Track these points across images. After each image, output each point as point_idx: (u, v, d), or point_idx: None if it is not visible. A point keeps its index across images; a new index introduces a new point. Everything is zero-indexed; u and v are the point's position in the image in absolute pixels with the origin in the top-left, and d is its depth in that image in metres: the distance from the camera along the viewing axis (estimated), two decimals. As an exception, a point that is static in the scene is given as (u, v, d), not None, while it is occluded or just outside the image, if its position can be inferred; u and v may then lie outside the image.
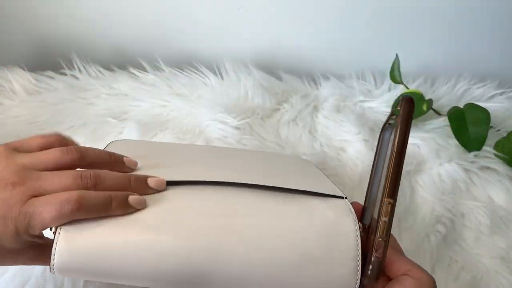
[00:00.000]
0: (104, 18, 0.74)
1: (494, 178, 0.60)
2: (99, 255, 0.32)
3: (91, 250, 0.32)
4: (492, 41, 0.75)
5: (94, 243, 0.32)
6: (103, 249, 0.32)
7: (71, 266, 0.32)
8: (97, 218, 0.33)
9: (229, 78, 0.72)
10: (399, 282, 0.33)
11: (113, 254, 0.32)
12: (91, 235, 0.32)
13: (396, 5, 0.70)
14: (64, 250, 0.32)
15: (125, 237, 0.33)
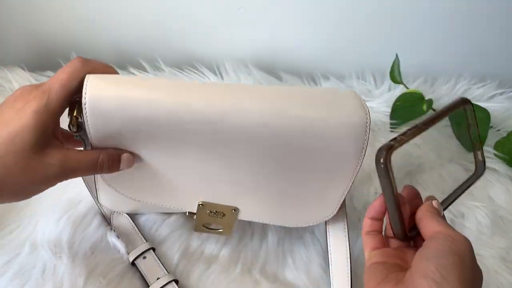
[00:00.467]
0: (104, 18, 0.74)
1: (494, 178, 0.60)
2: (129, 95, 0.35)
3: (121, 88, 0.35)
4: (492, 41, 0.75)
5: (123, 87, 0.35)
6: (133, 93, 0.35)
7: (103, 106, 0.34)
8: (123, 78, 0.36)
9: (229, 78, 0.72)
10: (433, 239, 0.33)
11: (143, 96, 0.35)
12: (119, 82, 0.36)
13: (396, 6, 0.70)
14: (94, 87, 0.34)
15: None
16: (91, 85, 0.35)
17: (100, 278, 0.44)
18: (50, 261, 0.44)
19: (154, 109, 0.35)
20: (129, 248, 0.47)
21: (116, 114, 0.35)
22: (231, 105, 0.36)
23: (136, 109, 0.35)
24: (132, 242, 0.48)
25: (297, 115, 0.37)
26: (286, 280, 0.47)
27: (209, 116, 0.36)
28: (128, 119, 0.35)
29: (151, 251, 0.47)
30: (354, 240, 0.51)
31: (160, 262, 0.46)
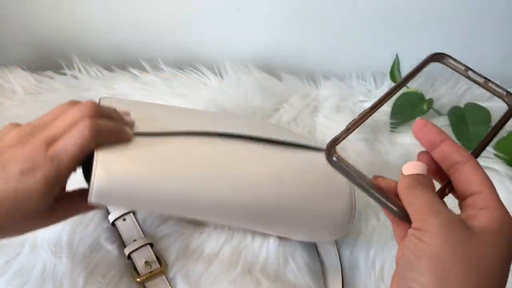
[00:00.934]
0: (104, 18, 0.74)
1: (494, 178, 0.59)
2: (134, 181, 0.36)
3: (127, 176, 0.36)
4: (492, 41, 0.75)
5: (130, 168, 0.36)
6: (138, 176, 0.36)
7: (109, 190, 0.35)
8: (126, 151, 0.37)
9: (229, 78, 0.72)
10: (405, 242, 0.28)
11: (148, 180, 0.36)
12: (126, 164, 0.36)
13: (396, 5, 0.70)
14: (101, 175, 0.35)
15: (157, 170, 0.37)
16: (99, 176, 0.35)
17: (99, 278, 0.44)
18: (49, 261, 0.44)
19: (156, 195, 0.37)
20: (110, 209, 0.49)
21: (120, 200, 0.37)
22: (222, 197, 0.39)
23: (139, 196, 0.37)
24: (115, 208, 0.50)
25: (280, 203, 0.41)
26: (287, 280, 0.47)
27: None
28: (130, 201, 0.37)
29: (131, 214, 0.49)
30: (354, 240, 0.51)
31: (138, 225, 0.48)
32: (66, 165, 0.34)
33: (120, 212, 0.48)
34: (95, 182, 0.35)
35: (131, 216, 0.49)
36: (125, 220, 0.48)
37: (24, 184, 0.33)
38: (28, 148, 0.34)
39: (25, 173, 0.33)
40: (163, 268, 0.45)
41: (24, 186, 0.33)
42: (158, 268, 0.45)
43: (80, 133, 0.34)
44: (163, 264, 0.46)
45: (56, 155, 0.33)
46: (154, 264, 0.45)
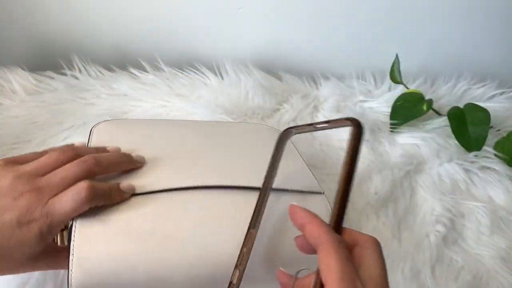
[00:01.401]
0: (104, 18, 0.74)
1: (494, 178, 0.60)
2: (113, 272, 0.35)
3: (105, 268, 0.35)
4: (492, 41, 0.75)
5: (106, 261, 0.35)
6: (116, 267, 0.35)
7: (87, 284, 0.34)
8: (105, 238, 0.36)
9: (229, 78, 0.72)
10: (363, 248, 0.29)
11: (126, 270, 0.35)
12: (102, 254, 0.35)
13: (396, 5, 0.70)
14: (79, 277, 0.34)
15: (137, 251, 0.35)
16: (76, 278, 0.34)
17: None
18: (50, 261, 0.44)
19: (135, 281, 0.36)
20: None
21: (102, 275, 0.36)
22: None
23: (118, 275, 0.35)
24: None
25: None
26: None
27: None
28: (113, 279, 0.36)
29: None
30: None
31: None
32: (58, 221, 0.34)
33: None
34: (72, 282, 0.34)
35: None
36: None
37: (19, 235, 0.33)
38: (26, 199, 0.34)
39: (21, 224, 0.33)
40: None
41: (19, 236, 0.33)
42: None
43: (76, 196, 0.34)
44: None
45: (51, 212, 0.34)
46: None
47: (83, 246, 0.35)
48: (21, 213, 0.33)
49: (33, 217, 0.33)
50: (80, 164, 0.36)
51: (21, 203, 0.34)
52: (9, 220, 0.33)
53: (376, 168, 0.59)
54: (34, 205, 0.34)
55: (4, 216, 0.33)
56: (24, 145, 0.58)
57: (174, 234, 0.37)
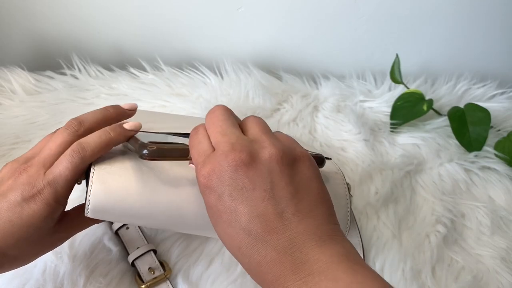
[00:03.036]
0: (104, 18, 0.74)
1: (495, 178, 0.60)
2: (131, 197, 0.36)
3: (123, 192, 0.36)
4: (492, 41, 0.75)
5: (126, 186, 0.36)
6: (134, 192, 0.36)
7: (105, 206, 0.36)
8: (126, 169, 0.37)
9: (229, 78, 0.72)
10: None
11: (143, 198, 0.36)
12: (122, 180, 0.36)
13: (396, 5, 0.70)
14: (98, 191, 0.35)
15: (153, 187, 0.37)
16: (95, 192, 0.36)
17: (100, 278, 0.44)
18: (50, 261, 0.44)
19: (151, 214, 0.37)
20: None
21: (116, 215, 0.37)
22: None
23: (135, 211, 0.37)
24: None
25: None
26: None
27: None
28: (127, 216, 0.37)
29: None
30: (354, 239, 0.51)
31: (141, 233, 0.48)
32: (63, 187, 0.35)
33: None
34: (91, 197, 0.35)
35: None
36: (128, 228, 0.48)
37: (28, 210, 0.34)
38: (25, 175, 0.35)
39: (27, 199, 0.34)
40: (167, 273, 0.45)
41: (28, 211, 0.34)
42: (162, 274, 0.45)
43: (69, 158, 0.35)
44: (167, 269, 0.46)
45: (52, 180, 0.35)
46: (158, 270, 0.45)
47: (103, 174, 0.36)
48: (23, 190, 0.34)
49: (36, 190, 0.34)
50: (64, 131, 0.37)
51: (21, 181, 0.34)
52: (14, 199, 0.34)
53: (376, 168, 0.59)
54: (34, 179, 0.34)
55: (9, 197, 0.34)
56: (24, 145, 0.58)
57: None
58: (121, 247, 0.47)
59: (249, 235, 0.29)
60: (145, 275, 0.45)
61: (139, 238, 0.48)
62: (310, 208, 0.31)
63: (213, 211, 0.31)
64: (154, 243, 0.48)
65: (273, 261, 0.28)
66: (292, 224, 0.29)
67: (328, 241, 0.29)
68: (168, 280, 0.45)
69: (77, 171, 0.35)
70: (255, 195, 0.30)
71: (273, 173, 0.31)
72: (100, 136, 0.37)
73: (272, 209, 0.30)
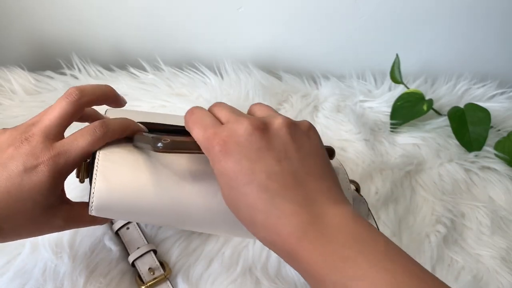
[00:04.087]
0: (104, 18, 0.74)
1: (495, 178, 0.60)
2: (135, 194, 0.35)
3: (128, 188, 0.35)
4: (492, 41, 0.75)
5: (130, 182, 0.35)
6: (139, 188, 0.36)
7: (109, 204, 0.35)
8: (131, 162, 0.36)
9: (229, 78, 0.72)
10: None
11: (148, 194, 0.36)
12: (126, 176, 0.36)
13: (396, 5, 0.70)
14: (102, 189, 0.34)
15: (159, 180, 0.36)
16: (99, 189, 0.35)
17: (100, 278, 0.44)
18: (50, 261, 0.44)
19: (157, 210, 0.36)
20: (114, 220, 0.49)
21: (121, 213, 0.37)
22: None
23: (140, 209, 0.36)
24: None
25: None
26: (288, 280, 0.47)
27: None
28: (131, 214, 0.37)
29: (134, 222, 0.49)
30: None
31: (141, 233, 0.48)
32: (74, 160, 0.34)
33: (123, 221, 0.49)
34: (95, 195, 0.34)
35: (134, 225, 0.49)
36: (128, 228, 0.48)
37: (28, 180, 0.33)
38: (28, 145, 0.33)
39: (29, 170, 0.33)
40: (167, 273, 0.45)
41: (29, 182, 0.33)
42: (162, 274, 0.45)
43: (91, 131, 0.35)
44: (167, 269, 0.46)
45: (63, 152, 0.34)
46: (158, 270, 0.45)
47: (108, 166, 0.35)
48: (26, 160, 0.33)
49: (40, 161, 0.33)
50: (64, 99, 0.36)
51: (23, 151, 0.33)
52: (15, 168, 0.33)
53: (376, 168, 0.59)
54: (37, 150, 0.33)
55: (9, 166, 0.33)
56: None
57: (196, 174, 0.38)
58: (122, 247, 0.48)
59: (267, 191, 0.30)
60: (145, 276, 0.45)
61: (139, 238, 0.48)
62: (321, 172, 0.33)
63: (229, 176, 0.31)
64: (154, 243, 0.48)
65: (292, 214, 0.29)
66: (306, 182, 0.31)
67: (341, 202, 0.31)
68: (168, 280, 0.45)
69: (96, 145, 0.35)
70: (271, 155, 0.31)
71: (285, 138, 0.33)
72: (122, 121, 0.37)
73: (288, 168, 0.31)
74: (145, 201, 0.36)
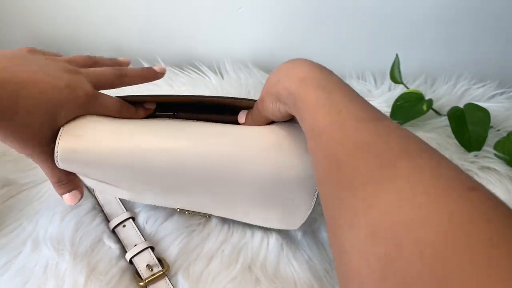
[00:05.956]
0: (104, 18, 0.74)
1: (494, 178, 0.60)
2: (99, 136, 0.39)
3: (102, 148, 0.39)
4: (492, 41, 0.75)
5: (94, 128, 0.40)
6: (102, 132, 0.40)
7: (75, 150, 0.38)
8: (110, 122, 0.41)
9: (230, 77, 0.72)
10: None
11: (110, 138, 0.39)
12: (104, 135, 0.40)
13: (396, 5, 0.71)
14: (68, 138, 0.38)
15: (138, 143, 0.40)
16: (61, 152, 0.38)
17: (101, 276, 0.44)
18: (52, 258, 0.45)
19: (118, 162, 0.40)
20: (110, 217, 0.50)
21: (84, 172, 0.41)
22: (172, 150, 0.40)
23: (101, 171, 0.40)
24: (113, 211, 0.51)
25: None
26: (287, 277, 0.47)
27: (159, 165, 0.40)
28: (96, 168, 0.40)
29: (130, 220, 0.49)
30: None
31: (138, 231, 0.49)
32: (101, 83, 0.42)
33: (119, 219, 0.49)
34: (59, 143, 0.38)
35: (130, 222, 0.49)
36: (125, 226, 0.49)
37: (68, 95, 0.38)
38: (69, 75, 0.40)
39: (72, 72, 0.41)
40: (166, 270, 0.46)
41: (68, 96, 0.38)
42: (161, 271, 0.45)
43: (112, 69, 0.45)
44: (165, 266, 0.46)
45: (99, 73, 0.43)
46: (156, 267, 0.45)
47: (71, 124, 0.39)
48: (65, 65, 0.41)
49: (78, 72, 0.41)
50: (114, 70, 0.45)
51: (67, 77, 0.39)
52: (61, 65, 0.40)
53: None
54: (77, 78, 0.40)
55: (58, 79, 0.38)
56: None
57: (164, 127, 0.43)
58: (121, 245, 0.48)
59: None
60: (143, 272, 0.45)
61: (136, 235, 0.48)
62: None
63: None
64: (153, 241, 0.48)
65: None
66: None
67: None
68: (166, 277, 0.45)
69: (115, 79, 0.43)
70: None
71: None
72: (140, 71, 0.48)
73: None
74: (105, 144, 0.39)
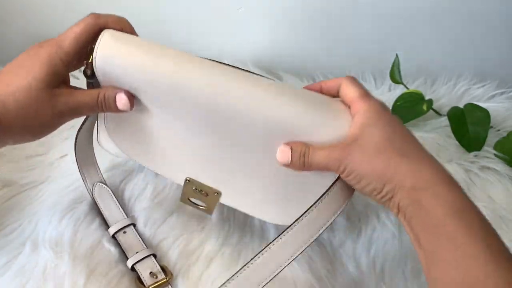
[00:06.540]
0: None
1: (494, 178, 0.60)
2: (135, 63, 0.39)
3: (129, 55, 0.39)
4: (492, 41, 0.75)
5: (134, 50, 0.39)
6: (140, 59, 0.39)
7: (109, 62, 0.39)
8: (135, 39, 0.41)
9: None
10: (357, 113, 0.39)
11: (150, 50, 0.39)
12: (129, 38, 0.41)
13: (396, 5, 0.70)
14: (108, 39, 0.40)
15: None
16: (104, 42, 0.39)
17: (100, 278, 0.44)
18: (51, 260, 0.44)
19: (158, 77, 0.38)
20: (110, 222, 0.49)
21: (123, 74, 0.40)
22: (223, 89, 0.38)
23: (141, 73, 0.39)
24: (114, 216, 0.50)
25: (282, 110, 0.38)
26: (287, 277, 0.47)
27: (204, 96, 0.38)
28: (134, 79, 0.39)
29: (131, 226, 0.49)
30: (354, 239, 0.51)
31: (139, 237, 0.48)
32: (70, 44, 0.39)
33: (120, 225, 0.48)
34: (97, 54, 0.39)
35: (131, 228, 0.49)
36: (125, 232, 0.48)
37: (29, 63, 0.38)
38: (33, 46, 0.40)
39: (31, 57, 0.39)
40: (169, 278, 0.45)
41: (28, 64, 0.38)
42: (164, 279, 0.45)
43: (84, 19, 0.41)
44: (168, 274, 0.45)
45: (60, 39, 0.39)
46: (160, 274, 0.45)
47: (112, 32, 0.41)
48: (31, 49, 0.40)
49: (42, 46, 0.39)
50: (93, 16, 0.43)
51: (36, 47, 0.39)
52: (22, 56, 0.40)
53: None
54: (41, 44, 0.39)
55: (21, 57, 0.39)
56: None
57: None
58: (121, 249, 0.47)
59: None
60: (147, 279, 0.44)
61: (138, 242, 0.47)
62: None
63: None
64: (152, 243, 0.48)
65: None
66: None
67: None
68: (170, 285, 0.45)
69: (86, 30, 0.40)
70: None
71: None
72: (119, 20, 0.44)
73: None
74: (145, 69, 0.38)
